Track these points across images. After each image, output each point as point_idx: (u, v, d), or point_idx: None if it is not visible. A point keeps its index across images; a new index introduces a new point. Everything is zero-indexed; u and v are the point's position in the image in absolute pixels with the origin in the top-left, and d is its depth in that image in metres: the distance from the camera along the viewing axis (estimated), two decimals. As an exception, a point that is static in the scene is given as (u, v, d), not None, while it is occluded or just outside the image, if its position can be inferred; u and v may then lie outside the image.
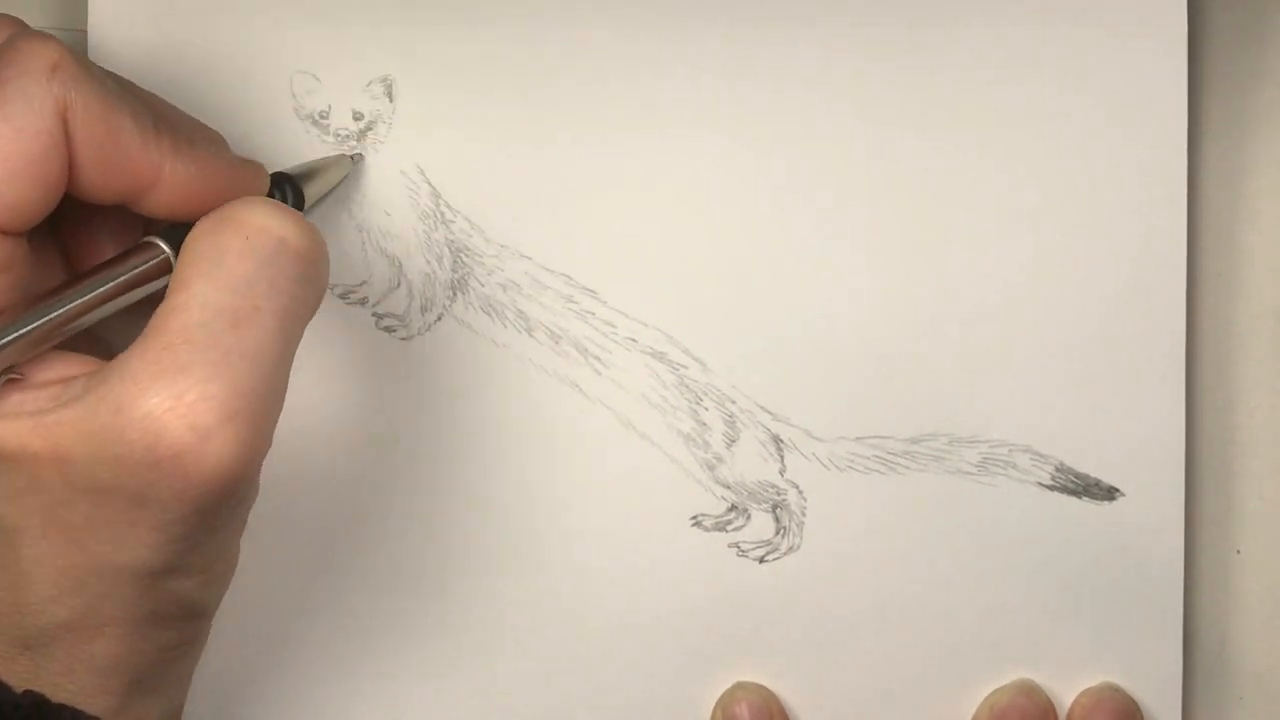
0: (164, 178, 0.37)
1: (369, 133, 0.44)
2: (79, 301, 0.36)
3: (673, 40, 0.44)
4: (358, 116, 0.44)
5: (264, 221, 0.36)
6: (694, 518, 0.45)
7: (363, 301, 0.45)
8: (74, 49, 0.36)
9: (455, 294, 0.45)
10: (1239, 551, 0.46)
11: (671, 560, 0.45)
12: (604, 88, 0.44)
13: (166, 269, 0.37)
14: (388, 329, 0.45)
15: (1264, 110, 0.46)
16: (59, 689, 0.36)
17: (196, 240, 0.36)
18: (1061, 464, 0.45)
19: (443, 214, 0.44)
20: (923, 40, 0.44)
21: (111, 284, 0.37)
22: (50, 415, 0.35)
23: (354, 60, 0.44)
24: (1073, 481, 0.45)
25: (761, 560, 0.45)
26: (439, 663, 0.45)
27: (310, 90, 0.44)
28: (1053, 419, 0.44)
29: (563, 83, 0.44)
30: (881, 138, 0.44)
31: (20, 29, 0.37)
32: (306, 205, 0.42)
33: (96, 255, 0.40)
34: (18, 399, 0.35)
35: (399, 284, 0.45)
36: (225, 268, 0.35)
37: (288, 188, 0.41)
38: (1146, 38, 0.44)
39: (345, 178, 0.44)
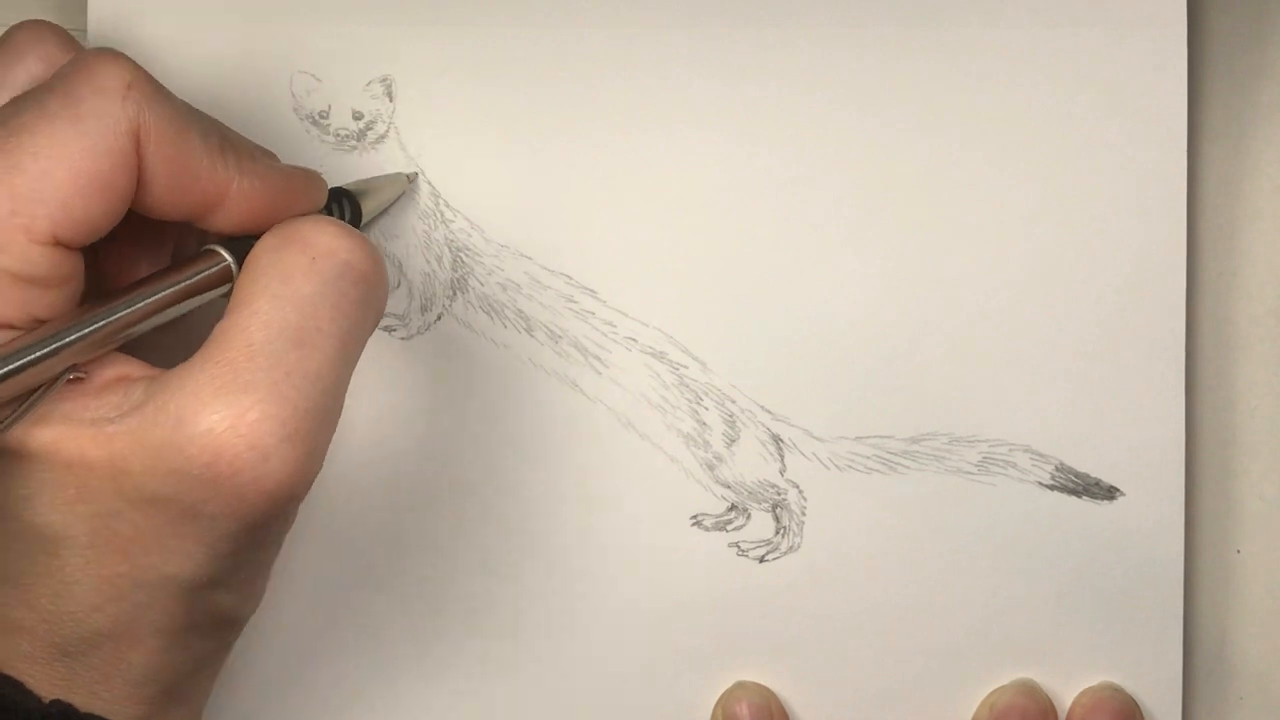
0: (231, 195, 0.37)
1: (368, 132, 0.44)
2: (143, 304, 0.36)
3: (672, 40, 0.44)
4: (357, 116, 0.44)
5: (330, 243, 0.36)
6: (694, 517, 0.45)
7: (362, 301, 0.44)
8: (145, 69, 0.36)
9: (455, 293, 0.45)
10: (1239, 551, 0.46)
11: (671, 560, 0.45)
12: (604, 87, 0.44)
13: (228, 277, 0.37)
14: (387, 328, 0.45)
15: (1264, 110, 0.46)
16: (94, 696, 0.36)
17: (261, 257, 0.37)
18: (1061, 463, 0.45)
19: (442, 213, 0.44)
20: (923, 40, 0.44)
21: (174, 289, 0.37)
22: (110, 425, 0.35)
23: (354, 60, 0.44)
24: (1072, 481, 0.45)
25: (761, 560, 0.45)
26: (438, 663, 0.45)
27: (310, 90, 0.44)
28: (1052, 419, 0.44)
29: (563, 82, 0.44)
30: (881, 138, 0.44)
31: (70, 40, 0.38)
32: (363, 222, 0.42)
33: (130, 270, 0.40)
34: (79, 405, 0.35)
35: (399, 283, 0.45)
36: (290, 287, 0.36)
37: (345, 202, 0.41)
38: (1146, 38, 0.44)
39: (401, 195, 0.44)
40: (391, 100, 0.44)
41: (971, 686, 0.45)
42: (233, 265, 0.37)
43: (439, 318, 0.45)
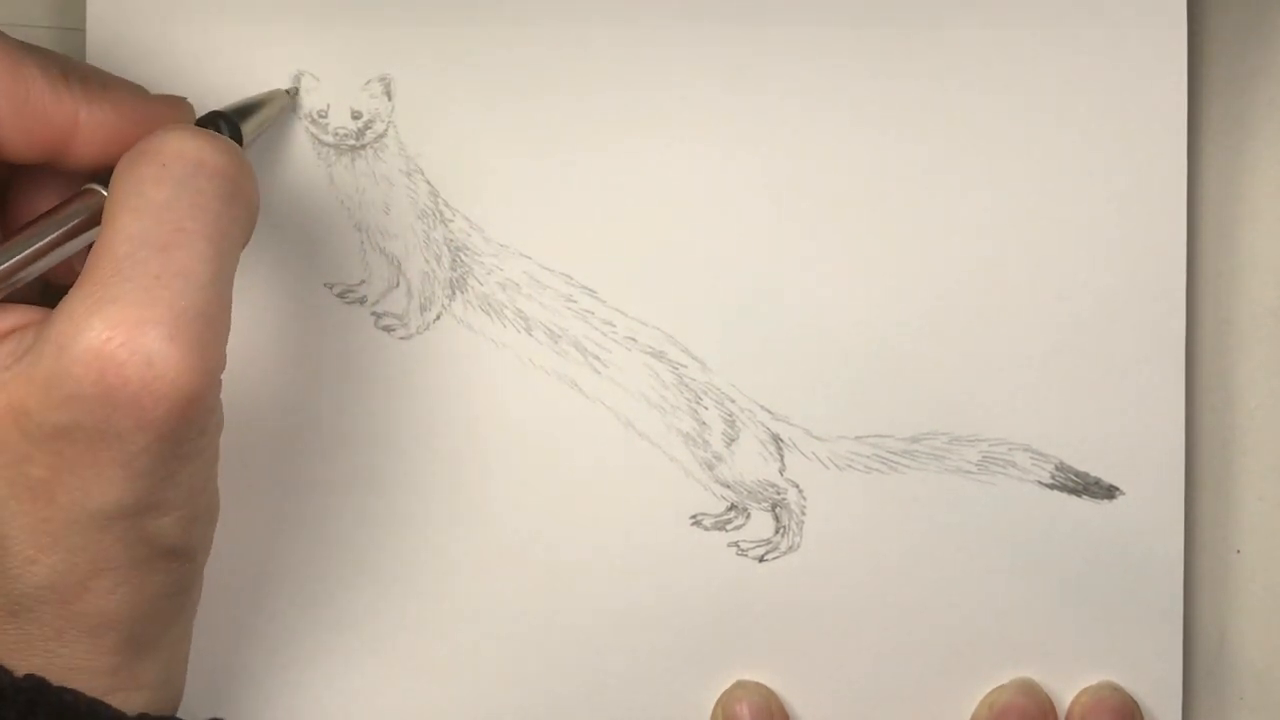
0: (81, 124, 0.37)
1: (367, 132, 0.44)
2: (20, 255, 0.36)
3: (671, 41, 0.44)
4: (356, 116, 0.44)
5: (177, 146, 0.36)
6: (694, 517, 0.45)
7: (361, 301, 0.44)
8: None
9: (454, 293, 0.45)
10: (1239, 551, 0.46)
11: (671, 560, 0.45)
12: (603, 88, 0.44)
13: None
14: (387, 328, 0.45)
15: (1264, 110, 0.46)
16: (52, 655, 0.36)
17: (117, 176, 0.36)
18: (1061, 463, 0.45)
19: (441, 213, 0.44)
20: (922, 41, 0.44)
21: (54, 233, 0.37)
22: (4, 373, 0.35)
23: (353, 60, 0.44)
24: (1072, 480, 0.45)
25: (761, 559, 0.45)
26: (438, 663, 0.45)
27: (309, 90, 0.44)
28: (1052, 418, 0.44)
29: (562, 82, 0.44)
30: (881, 138, 0.44)
31: None
32: (245, 142, 0.41)
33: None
34: None
35: (398, 283, 0.45)
36: (144, 196, 0.35)
37: (222, 124, 0.41)
38: (1146, 38, 0.44)
39: (282, 112, 0.43)
40: (390, 100, 0.44)
41: (971, 686, 0.45)
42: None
43: (438, 317, 0.45)
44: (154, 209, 0.35)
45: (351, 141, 0.44)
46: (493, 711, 0.45)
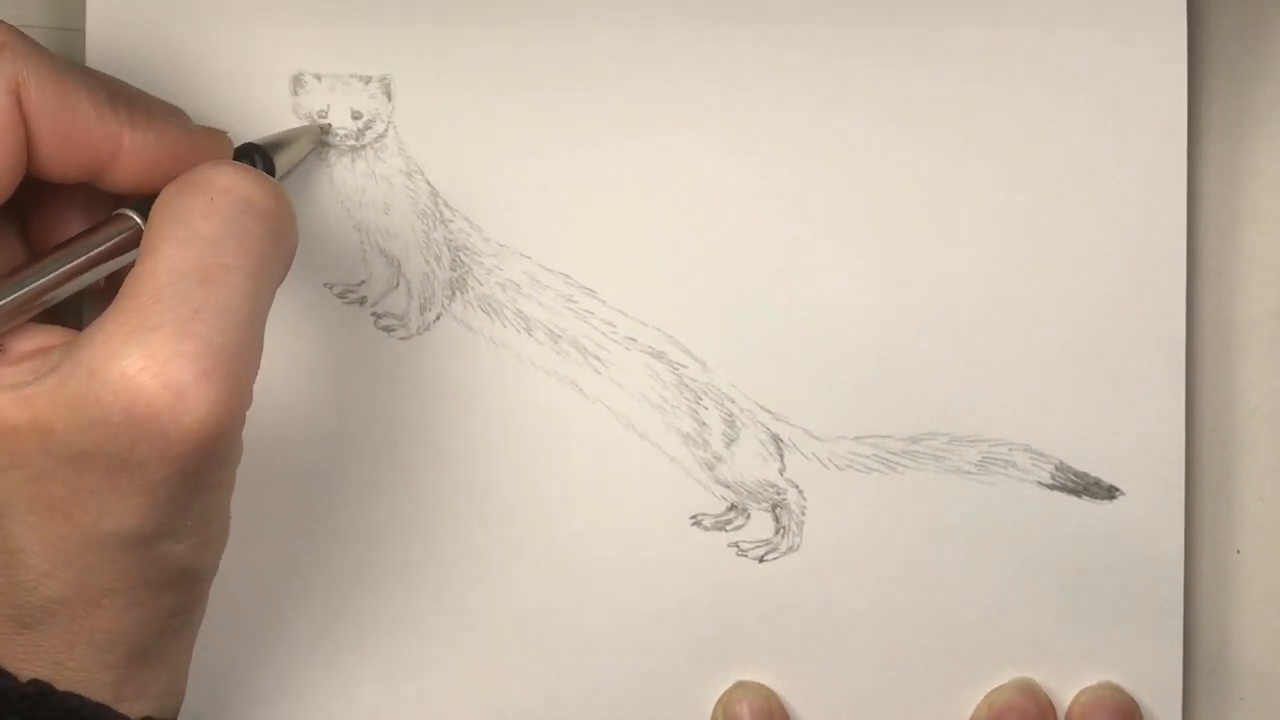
0: (124, 149, 0.37)
1: (367, 132, 0.44)
2: (53, 274, 0.36)
3: (671, 41, 0.44)
4: (356, 116, 0.44)
5: (227, 182, 0.36)
6: (694, 517, 0.45)
7: (361, 301, 0.44)
8: (20, 31, 0.36)
9: (454, 293, 0.45)
10: (1239, 551, 0.46)
11: (671, 560, 0.45)
12: (603, 88, 0.44)
13: (139, 240, 0.37)
14: (386, 329, 0.45)
15: (1264, 110, 0.46)
16: (60, 667, 0.36)
17: (162, 206, 0.36)
18: (1061, 463, 0.45)
19: (441, 213, 0.44)
20: (922, 40, 0.44)
21: (85, 256, 0.37)
22: (29, 387, 0.35)
23: (354, 60, 0.44)
24: (1072, 480, 0.45)
25: (761, 560, 0.45)
26: (438, 663, 0.45)
27: (310, 90, 0.44)
28: (1052, 418, 0.44)
29: (562, 82, 0.44)
30: (880, 138, 0.44)
31: None
32: (277, 175, 0.41)
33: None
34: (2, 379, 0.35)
35: (398, 283, 0.45)
36: (191, 228, 0.35)
37: (257, 157, 0.41)
38: (1146, 38, 0.44)
39: (314, 149, 0.44)
40: (390, 100, 0.44)
41: (971, 686, 0.45)
42: (142, 226, 0.37)
43: (438, 317, 0.45)
44: (199, 242, 0.35)
45: (351, 141, 0.44)
46: (492, 712, 0.45)
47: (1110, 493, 0.45)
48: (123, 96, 0.37)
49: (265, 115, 0.44)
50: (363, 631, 0.45)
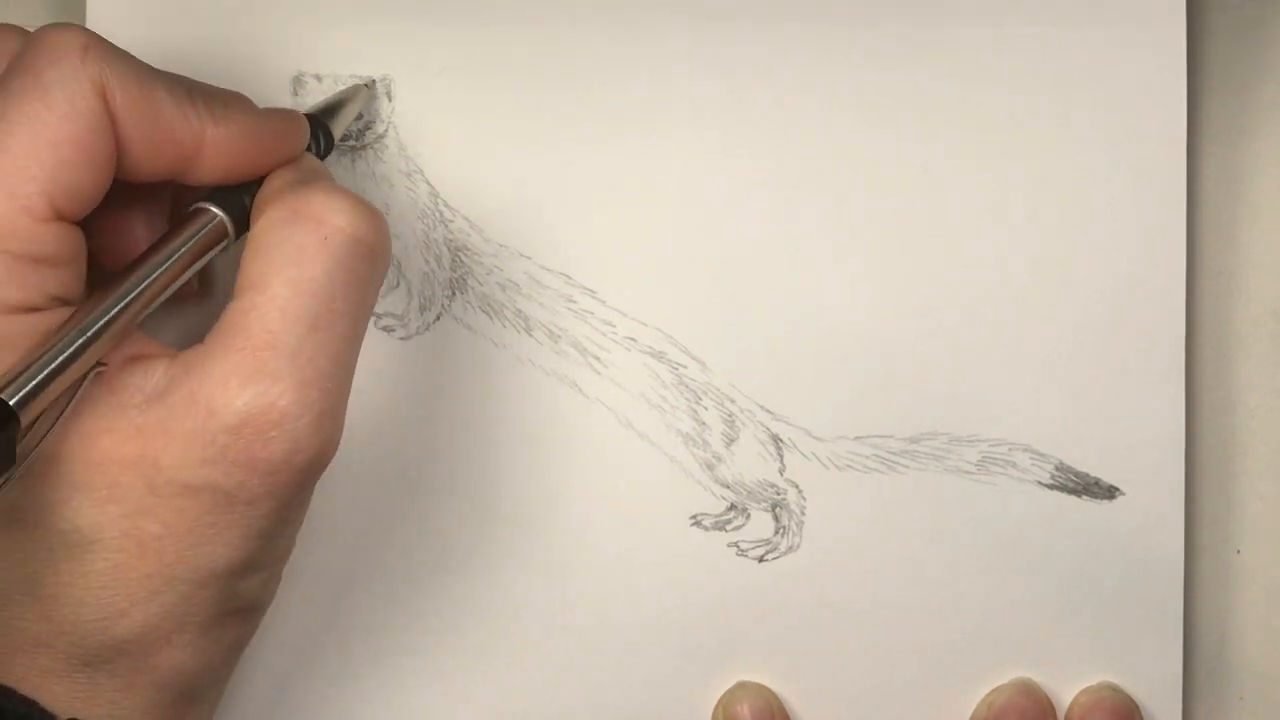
0: (207, 143, 0.37)
1: (367, 132, 0.44)
2: (154, 280, 0.36)
3: (672, 41, 0.44)
4: (357, 116, 0.44)
5: (339, 220, 0.37)
6: (693, 517, 0.45)
7: (362, 301, 0.44)
8: (99, 34, 0.37)
9: (454, 293, 0.45)
10: (1239, 551, 0.46)
11: (671, 560, 0.45)
12: (603, 88, 0.44)
13: (224, 234, 0.37)
14: (386, 328, 0.45)
15: (1264, 110, 0.46)
16: (116, 706, 0.36)
17: (270, 232, 0.37)
18: (1061, 463, 0.45)
19: (441, 213, 0.44)
20: (922, 41, 0.44)
21: (179, 256, 0.37)
22: (138, 416, 0.35)
23: (354, 60, 0.44)
24: (1072, 480, 0.45)
25: (761, 560, 0.45)
26: (438, 663, 0.45)
27: (310, 90, 0.44)
28: (1052, 418, 0.44)
29: (562, 82, 0.44)
30: (881, 138, 0.44)
31: (25, 31, 0.38)
32: (335, 140, 0.42)
33: (130, 243, 0.40)
34: (101, 395, 0.35)
35: (398, 283, 0.45)
36: (303, 269, 0.36)
37: (319, 133, 0.41)
38: (1146, 38, 0.44)
39: (368, 104, 0.44)
40: (391, 100, 0.44)
41: (970, 686, 0.45)
42: (225, 220, 0.38)
43: (438, 317, 0.45)
44: (312, 285, 0.36)
45: (352, 142, 0.44)
46: (492, 711, 0.45)
47: (1110, 493, 0.45)
48: (200, 91, 0.37)
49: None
50: (358, 631, 0.45)
